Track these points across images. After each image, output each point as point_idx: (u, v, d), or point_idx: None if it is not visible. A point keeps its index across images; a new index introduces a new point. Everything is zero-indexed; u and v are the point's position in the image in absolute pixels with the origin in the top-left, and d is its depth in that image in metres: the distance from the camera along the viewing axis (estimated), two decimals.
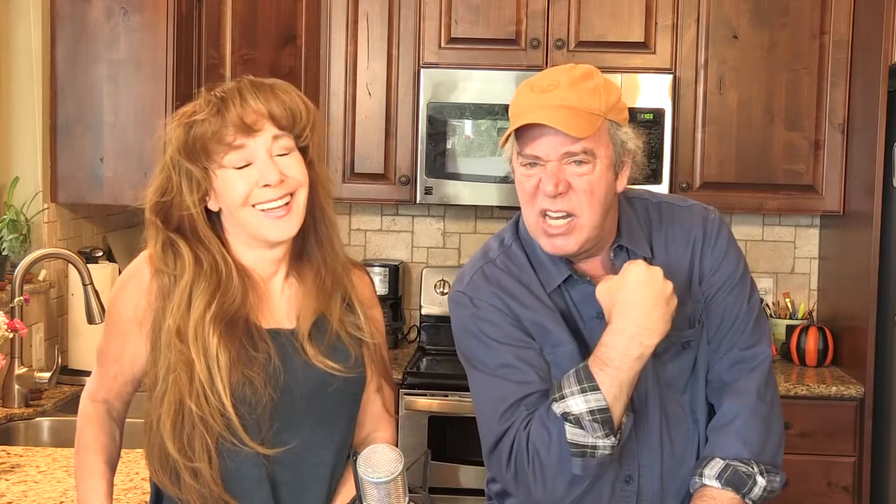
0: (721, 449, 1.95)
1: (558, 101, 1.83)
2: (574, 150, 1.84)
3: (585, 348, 1.92)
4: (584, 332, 1.95)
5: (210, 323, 1.77)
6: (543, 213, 1.88)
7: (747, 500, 1.94)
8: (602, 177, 1.87)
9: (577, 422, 1.81)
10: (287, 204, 1.81)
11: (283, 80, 1.86)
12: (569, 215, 1.87)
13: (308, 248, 1.89)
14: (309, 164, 1.85)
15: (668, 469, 1.98)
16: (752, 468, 1.94)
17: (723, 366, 2.00)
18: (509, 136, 1.89)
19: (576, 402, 1.81)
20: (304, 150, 1.85)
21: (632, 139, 1.91)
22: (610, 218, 1.95)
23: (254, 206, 1.80)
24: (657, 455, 1.97)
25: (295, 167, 1.82)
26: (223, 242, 1.86)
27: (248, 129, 1.77)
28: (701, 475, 1.95)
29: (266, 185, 1.79)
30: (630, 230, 1.98)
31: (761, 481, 1.93)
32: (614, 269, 1.96)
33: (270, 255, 1.87)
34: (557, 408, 1.83)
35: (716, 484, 1.93)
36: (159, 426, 1.79)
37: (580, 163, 1.85)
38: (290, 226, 1.82)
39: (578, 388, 1.81)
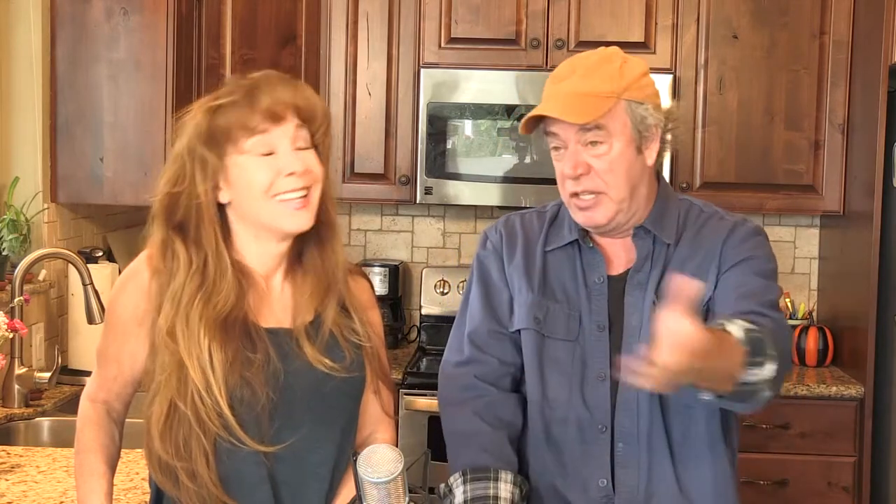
0: (750, 321, 1.79)
1: (569, 88, 1.93)
2: (587, 127, 1.92)
3: (583, 309, 2.00)
4: (585, 292, 2.02)
5: (200, 322, 1.77)
6: (574, 195, 1.97)
7: (743, 373, 1.74)
8: (621, 155, 1.93)
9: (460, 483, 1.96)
10: (305, 196, 1.81)
11: None
12: (595, 193, 1.95)
13: (308, 248, 1.89)
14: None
15: (655, 451, 1.97)
16: (774, 352, 1.76)
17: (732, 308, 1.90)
18: (527, 124, 1.98)
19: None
20: (316, 149, 1.85)
21: (652, 114, 1.97)
22: (642, 193, 1.99)
23: (274, 195, 1.80)
24: (642, 442, 1.97)
25: (314, 161, 1.83)
26: (225, 240, 1.85)
27: (276, 117, 1.78)
28: (729, 320, 1.76)
29: (291, 174, 1.79)
30: (660, 217, 2.02)
31: (771, 366, 1.76)
32: (634, 251, 2.00)
33: (275, 250, 1.86)
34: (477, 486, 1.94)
35: (739, 334, 1.73)
36: (150, 427, 1.79)
37: (595, 143, 1.93)
38: (306, 218, 1.83)
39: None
